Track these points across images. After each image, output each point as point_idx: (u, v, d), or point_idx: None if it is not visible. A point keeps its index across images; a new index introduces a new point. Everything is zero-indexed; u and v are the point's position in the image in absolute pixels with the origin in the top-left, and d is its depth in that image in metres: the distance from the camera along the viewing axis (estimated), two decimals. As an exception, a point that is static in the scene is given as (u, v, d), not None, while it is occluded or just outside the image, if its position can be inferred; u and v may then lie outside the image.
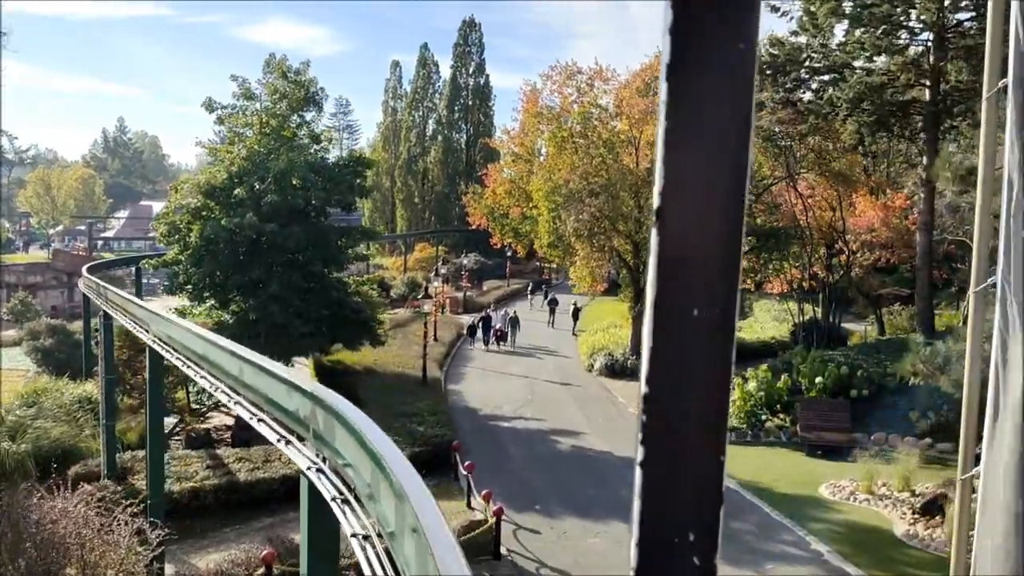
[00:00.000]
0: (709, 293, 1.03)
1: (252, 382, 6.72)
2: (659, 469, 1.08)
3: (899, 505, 20.44)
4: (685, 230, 1.03)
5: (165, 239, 32.03)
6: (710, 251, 1.03)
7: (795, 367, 28.41)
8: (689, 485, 1.08)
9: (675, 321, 1.04)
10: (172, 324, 10.73)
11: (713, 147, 1.01)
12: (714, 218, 1.02)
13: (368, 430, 4.47)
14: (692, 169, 1.02)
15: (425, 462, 22.54)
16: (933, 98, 29.43)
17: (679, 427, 1.06)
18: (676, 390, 1.05)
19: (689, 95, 1.00)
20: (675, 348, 1.05)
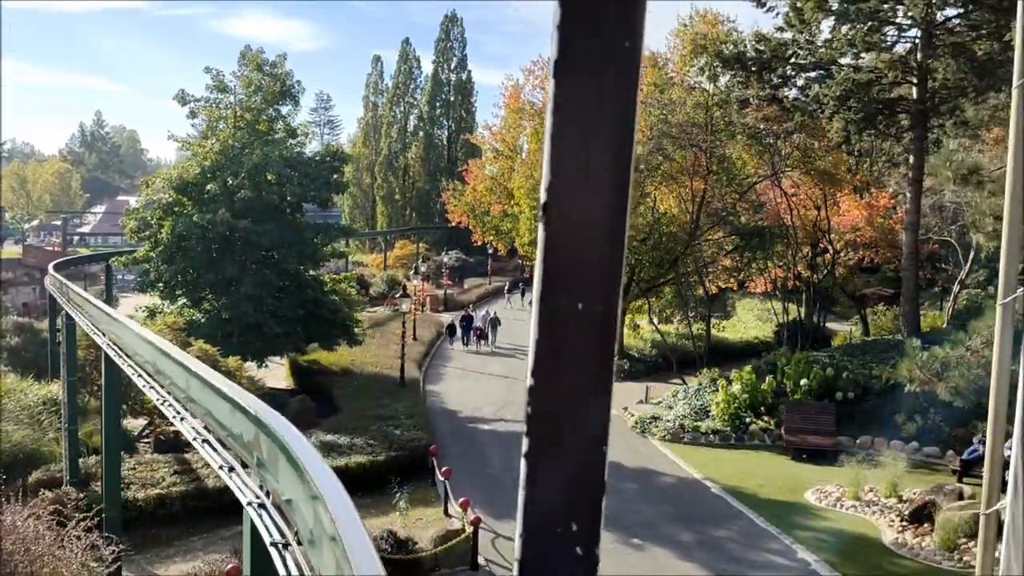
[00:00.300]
0: (593, 288, 1.04)
1: (199, 398, 6.05)
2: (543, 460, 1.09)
3: (887, 512, 19.97)
4: (571, 226, 1.04)
5: (135, 235, 31.18)
6: (595, 247, 1.04)
7: (780, 368, 27.91)
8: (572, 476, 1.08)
9: (560, 315, 1.05)
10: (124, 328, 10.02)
11: (598, 144, 1.02)
12: (599, 214, 1.03)
13: (310, 463, 3.83)
14: (578, 165, 1.03)
15: (402, 467, 21.91)
16: (920, 96, 29.01)
17: (563, 419, 1.07)
18: (560, 383, 1.07)
19: (575, 92, 1.02)
20: (560, 341, 1.06)
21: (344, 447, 22.18)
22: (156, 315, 29.95)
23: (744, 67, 30.91)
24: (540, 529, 1.12)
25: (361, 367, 33.34)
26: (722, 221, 34.39)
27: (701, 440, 26.13)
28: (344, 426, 24.22)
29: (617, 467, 23.78)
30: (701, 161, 32.50)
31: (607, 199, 1.04)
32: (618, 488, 21.98)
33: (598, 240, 1.04)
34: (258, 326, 29.21)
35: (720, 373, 29.81)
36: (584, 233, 1.04)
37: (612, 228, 1.04)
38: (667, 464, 24.19)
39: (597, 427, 1.09)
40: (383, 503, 20.44)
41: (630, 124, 1.04)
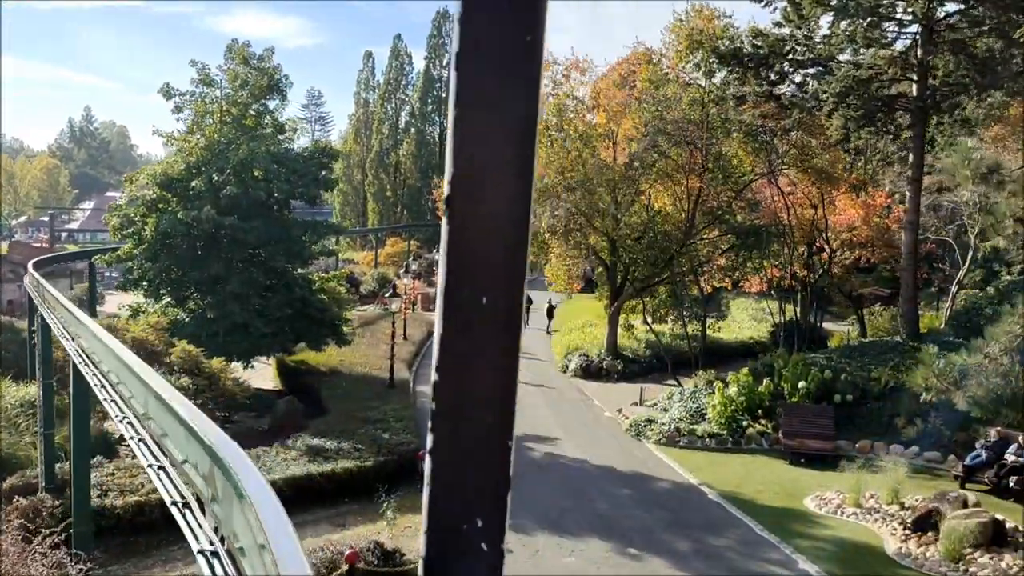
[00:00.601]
0: (498, 282, 1.04)
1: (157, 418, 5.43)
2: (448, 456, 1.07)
3: (889, 520, 19.42)
4: (475, 219, 1.04)
5: (118, 232, 30.43)
6: (499, 240, 1.04)
7: (777, 371, 27.35)
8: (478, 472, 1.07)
9: (465, 309, 1.05)
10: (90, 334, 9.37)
11: (501, 138, 1.02)
12: (503, 208, 1.04)
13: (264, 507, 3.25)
14: (481, 159, 1.03)
15: (390, 473, 21.30)
16: (920, 93, 28.47)
17: (468, 414, 1.06)
18: (465, 378, 1.06)
19: (477, 86, 1.02)
20: (464, 336, 1.06)
21: (331, 452, 21.54)
22: (140, 314, 29.21)
23: (741, 63, 30.35)
24: (445, 525, 1.09)
25: (350, 367, 32.68)
26: (718, 220, 33.82)
27: (697, 444, 25.56)
28: (332, 429, 23.58)
29: (612, 471, 23.23)
30: (697, 159, 31.93)
31: (511, 193, 1.03)
32: (613, 493, 21.42)
33: (502, 234, 1.04)
34: (244, 326, 28.54)
35: (716, 374, 29.24)
36: (488, 227, 1.04)
37: (516, 222, 1.04)
38: (663, 468, 23.61)
39: (503, 422, 1.07)
40: (370, 510, 19.82)
41: (533, 118, 1.03)
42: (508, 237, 1.05)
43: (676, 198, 34.32)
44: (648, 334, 36.44)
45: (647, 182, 33.76)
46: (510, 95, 1.03)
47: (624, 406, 29.46)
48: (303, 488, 19.85)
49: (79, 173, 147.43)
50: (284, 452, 21.27)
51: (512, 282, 1.06)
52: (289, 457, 20.95)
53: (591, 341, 37.49)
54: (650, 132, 31.69)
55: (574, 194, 31.79)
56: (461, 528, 1.10)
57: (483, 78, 1.02)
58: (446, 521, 1.11)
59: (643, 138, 31.99)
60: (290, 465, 20.46)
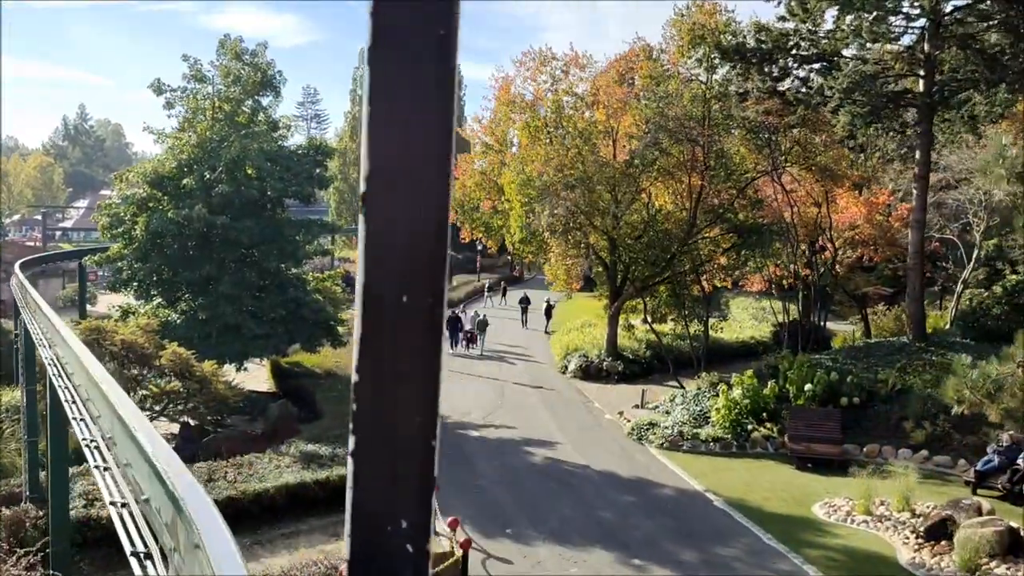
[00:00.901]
0: (418, 280, 1.03)
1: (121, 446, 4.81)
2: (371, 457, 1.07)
3: (900, 528, 18.83)
4: (392, 217, 1.03)
5: (107, 232, 29.75)
6: (418, 237, 1.03)
7: (782, 372, 26.74)
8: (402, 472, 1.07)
9: (384, 308, 1.04)
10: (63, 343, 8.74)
11: (417, 133, 1.02)
12: (420, 205, 1.03)
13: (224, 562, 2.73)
14: (397, 155, 1.02)
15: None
16: (928, 89, 27.86)
17: (390, 415, 1.06)
18: (387, 378, 1.05)
19: (391, 80, 1.01)
20: (385, 336, 1.05)
21: (326, 458, 20.91)
22: (129, 316, 28.54)
23: (744, 59, 29.70)
24: (369, 527, 1.08)
25: (346, 369, 32.02)
26: (719, 218, 33.18)
27: (701, 448, 24.95)
28: (326, 434, 22.95)
29: (614, 477, 22.63)
30: (698, 156, 31.29)
31: (428, 188, 1.03)
32: (616, 500, 20.81)
33: (421, 230, 1.03)
34: (237, 327, 27.91)
35: (719, 376, 28.62)
36: (407, 224, 1.03)
37: (435, 218, 1.03)
38: (666, 474, 23.00)
39: (426, 422, 1.07)
40: (366, 519, 19.23)
41: (449, 113, 1.03)
42: (428, 234, 1.03)
43: (677, 196, 33.70)
44: (648, 334, 35.83)
45: (647, 180, 33.12)
46: (425, 90, 1.01)
47: (625, 408, 28.86)
48: (296, 496, 19.25)
49: (73, 171, 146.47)
50: (277, 459, 20.65)
51: (433, 280, 1.04)
52: (282, 464, 20.33)
53: (590, 341, 36.87)
54: (651, 129, 31.04)
55: (574, 192, 31.13)
56: (385, 530, 1.07)
57: (396, 73, 1.01)
58: (370, 523, 1.08)
59: (644, 135, 31.34)
60: (283, 472, 19.84)
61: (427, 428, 1.07)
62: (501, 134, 40.74)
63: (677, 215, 33.94)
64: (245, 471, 19.81)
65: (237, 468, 19.94)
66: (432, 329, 1.06)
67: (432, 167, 1.03)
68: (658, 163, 32.27)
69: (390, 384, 1.06)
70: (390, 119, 1.02)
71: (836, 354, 30.03)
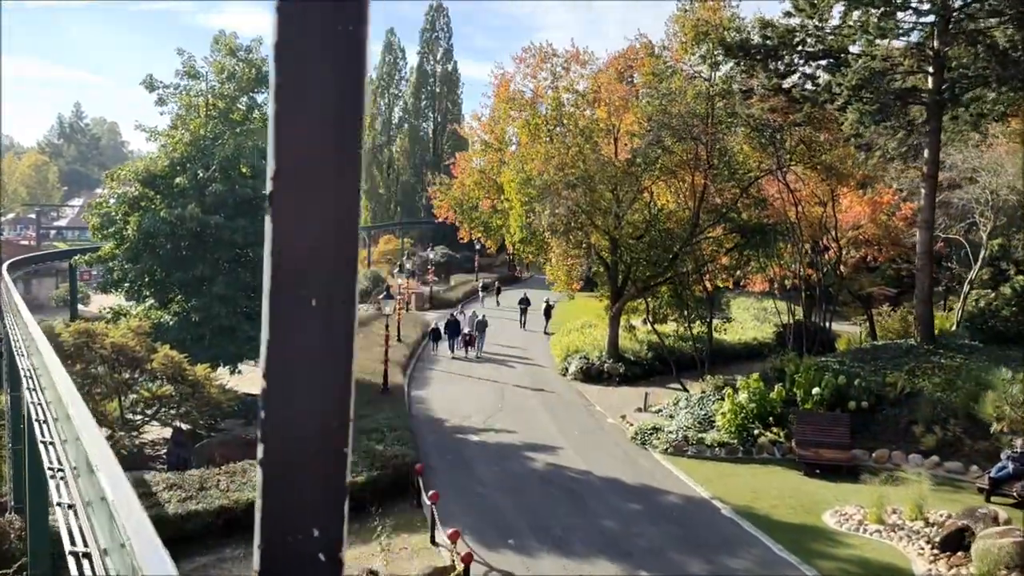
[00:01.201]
0: (327, 282, 1.01)
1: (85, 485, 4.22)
2: (281, 466, 1.03)
3: (915, 537, 18.25)
4: (300, 217, 1.00)
5: (99, 232, 29.07)
6: (327, 238, 1.01)
7: (789, 376, 26.15)
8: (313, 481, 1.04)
9: (293, 312, 1.01)
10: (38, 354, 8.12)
11: (326, 132, 1.00)
12: (329, 204, 1.00)
13: None
14: (305, 155, 1.00)
15: (384, 488, 20.11)
16: (937, 86, 27.27)
17: (301, 422, 1.03)
18: (296, 384, 1.02)
19: (298, 77, 0.99)
20: (294, 340, 1.02)
21: (321, 465, 20.27)
22: (121, 317, 27.87)
23: (748, 55, 29.11)
24: (281, 538, 1.04)
25: (342, 372, 31.38)
26: (722, 217, 32.59)
27: (706, 453, 24.36)
28: (322, 440, 22.31)
29: (617, 483, 22.04)
30: (701, 154, 30.69)
31: (337, 188, 1.00)
32: (620, 508, 20.22)
33: (330, 232, 1.01)
34: (231, 329, 27.29)
35: (725, 380, 28.01)
36: (315, 225, 1.00)
37: (345, 218, 1.01)
38: (671, 480, 22.41)
39: (337, 428, 1.04)
40: (364, 528, 18.59)
41: (358, 111, 1.01)
42: (337, 235, 1.01)
43: (679, 195, 33.10)
44: (650, 335, 35.24)
45: (650, 179, 32.51)
46: (332, 87, 0.99)
47: (628, 412, 28.27)
48: (291, 505, 18.61)
49: (69, 170, 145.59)
50: (271, 466, 20.00)
51: (344, 281, 1.02)
52: (277, 471, 19.69)
53: (591, 343, 36.25)
54: (654, 127, 30.42)
55: (575, 191, 30.50)
56: (297, 539, 1.03)
57: (303, 71, 0.98)
58: (281, 533, 1.03)
59: (646, 133, 30.72)
60: (277, 480, 19.20)
61: (339, 435, 1.04)
62: (500, 132, 40.08)
63: (679, 214, 33.36)
64: (238, 479, 19.19)
65: (230, 476, 19.32)
66: (343, 332, 1.03)
67: (340, 167, 1.00)
68: (660, 161, 31.66)
69: (300, 390, 1.02)
70: (296, 118, 0.98)
71: (843, 356, 29.42)
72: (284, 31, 0.98)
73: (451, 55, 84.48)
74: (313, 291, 1.01)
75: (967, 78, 26.40)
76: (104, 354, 23.49)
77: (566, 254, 33.54)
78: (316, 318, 1.01)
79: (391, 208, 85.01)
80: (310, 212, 1.00)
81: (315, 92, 0.98)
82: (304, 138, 0.99)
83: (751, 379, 25.93)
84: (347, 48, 0.99)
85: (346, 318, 1.03)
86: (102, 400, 24.25)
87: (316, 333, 1.01)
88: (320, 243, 1.00)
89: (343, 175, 1.01)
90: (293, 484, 1.04)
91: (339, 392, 1.05)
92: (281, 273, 1.01)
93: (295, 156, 0.99)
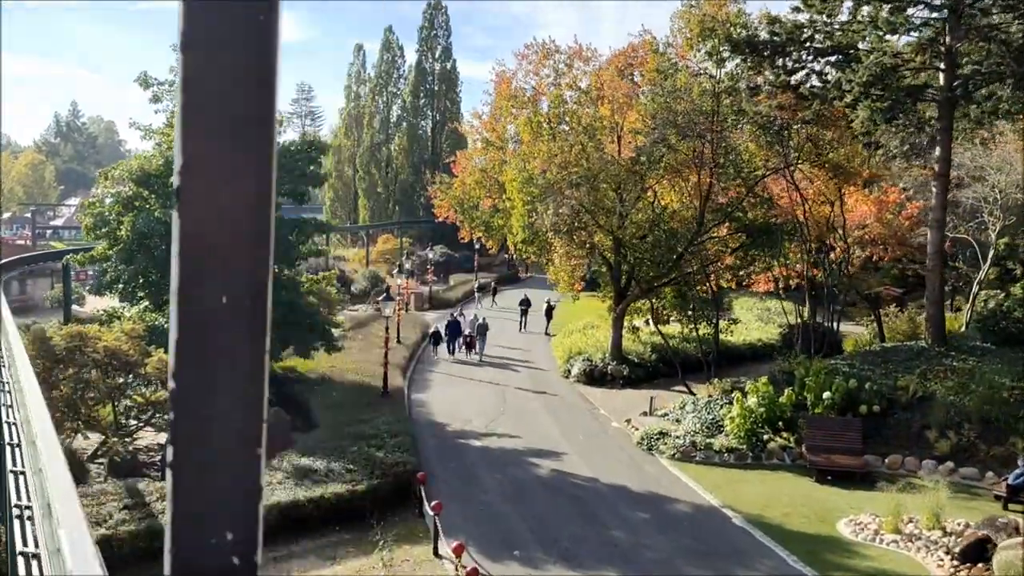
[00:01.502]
0: (238, 279, 0.99)
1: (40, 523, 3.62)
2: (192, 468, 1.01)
3: (933, 548, 17.70)
4: (209, 213, 0.98)
5: (92, 232, 28.41)
6: (237, 234, 0.98)
7: (798, 379, 25.56)
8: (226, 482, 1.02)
9: (202, 311, 0.99)
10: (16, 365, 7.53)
11: (235, 124, 0.97)
12: (240, 200, 0.98)
13: None
14: (215, 148, 0.97)
15: (385, 497, 19.51)
16: (948, 83, 26.70)
17: (212, 423, 1.01)
18: (207, 384, 1.00)
19: (206, 69, 0.96)
20: (204, 340, 1.00)
21: (320, 473, 19.69)
22: (114, 319, 27.21)
23: (756, 51, 28.51)
24: (192, 542, 1.01)
25: (341, 375, 30.80)
26: (728, 217, 31.98)
27: (715, 459, 23.77)
28: (321, 446, 21.69)
29: (624, 490, 21.45)
30: (707, 152, 30.07)
31: (247, 183, 0.98)
32: (628, 517, 19.64)
33: (240, 227, 0.98)
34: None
35: (732, 384, 27.43)
36: (224, 220, 0.97)
37: (255, 214, 0.98)
38: (679, 487, 21.82)
39: (250, 428, 1.01)
40: (364, 539, 18.03)
41: (270, 103, 0.98)
42: (248, 231, 0.98)
43: (684, 194, 32.49)
44: (653, 336, 34.64)
45: (654, 178, 31.89)
46: (242, 80, 0.96)
47: (633, 416, 27.67)
48: (289, 516, 18.02)
49: (65, 169, 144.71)
50: (269, 474, 19.38)
51: (256, 278, 0.98)
52: (274, 480, 19.09)
53: (593, 344, 35.63)
54: (659, 124, 29.78)
55: (578, 190, 29.87)
56: (210, 543, 1.00)
57: (212, 62, 0.95)
58: (193, 537, 1.01)
59: (652, 131, 30.09)
60: (275, 490, 18.61)
61: (252, 435, 1.01)
62: (501, 129, 39.43)
63: (683, 214, 32.75)
64: (234, 488, 18.56)
65: (226, 485, 18.68)
66: (255, 330, 0.99)
67: (250, 160, 0.97)
68: (665, 160, 31.04)
69: (211, 390, 0.99)
70: (205, 109, 0.95)
71: (852, 359, 28.81)
72: (191, 20, 0.94)
73: (450, 53, 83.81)
74: (224, 288, 0.97)
75: (980, 74, 25.83)
76: (97, 358, 22.86)
77: (569, 254, 32.89)
78: (227, 316, 0.97)
79: (389, 207, 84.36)
80: (220, 207, 0.96)
81: (224, 84, 0.94)
82: (214, 131, 0.96)
83: (760, 383, 25.33)
84: (257, 39, 0.95)
85: (259, 315, 0.99)
86: (95, 405, 23.65)
87: (228, 331, 0.98)
88: (231, 239, 0.97)
89: (255, 169, 0.97)
90: (205, 486, 1.00)
91: (252, 391, 1.00)
92: (190, 270, 0.97)
93: (204, 150, 0.96)
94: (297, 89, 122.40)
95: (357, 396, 28.07)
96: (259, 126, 0.97)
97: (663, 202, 33.42)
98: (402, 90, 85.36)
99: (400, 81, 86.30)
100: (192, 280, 0.98)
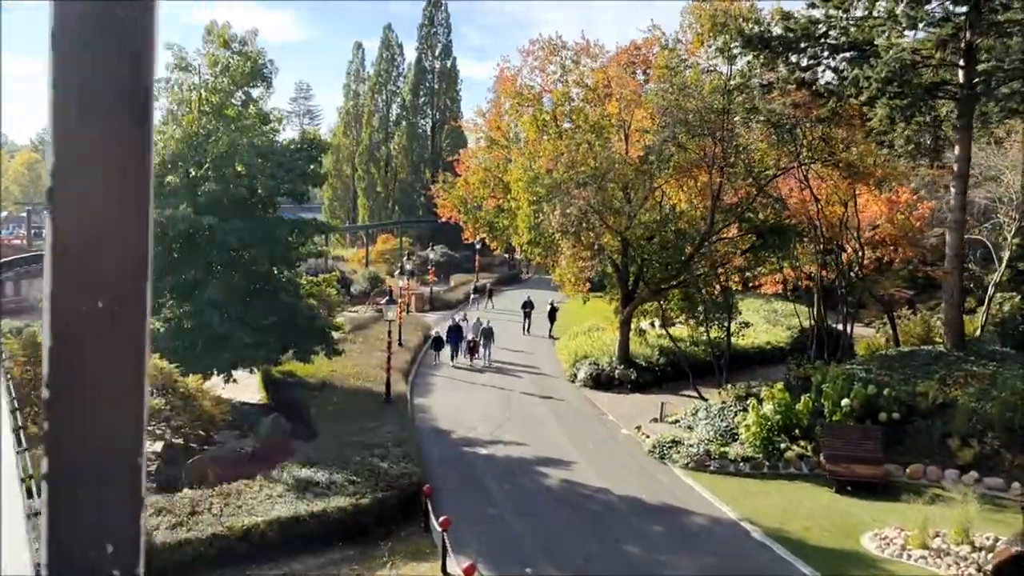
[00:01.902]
0: (116, 283, 0.97)
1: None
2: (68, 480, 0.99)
3: (963, 564, 16.94)
4: (83, 214, 0.96)
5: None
6: (114, 237, 0.96)
7: (815, 385, 24.77)
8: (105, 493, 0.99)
9: (77, 315, 0.97)
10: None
11: (109, 122, 0.95)
12: (115, 200, 0.96)
13: None
14: (88, 146, 0.95)
15: (390, 512, 18.71)
16: (968, 80, 25.92)
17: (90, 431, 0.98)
18: (84, 391, 0.98)
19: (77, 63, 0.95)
20: (79, 345, 0.97)
21: (322, 485, 18.85)
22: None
23: (769, 47, 27.72)
24: (70, 556, 0.98)
25: (342, 379, 29.95)
26: (738, 217, 31.16)
27: (730, 468, 22.97)
28: (323, 456, 20.86)
29: (638, 502, 20.65)
30: (718, 151, 29.25)
31: (123, 184, 0.95)
32: (643, 531, 18.85)
33: (117, 229, 0.96)
34: (225, 336, 25.85)
35: (747, 390, 26.62)
36: (100, 221, 0.95)
37: (133, 216, 0.96)
38: (694, 499, 21.03)
39: (130, 436, 0.99)
40: (369, 556, 17.24)
41: (145, 100, 0.96)
42: (126, 233, 0.95)
43: (693, 194, 31.66)
44: (662, 339, 33.84)
45: (662, 178, 31.06)
46: (114, 79, 0.94)
47: (643, 422, 26.89)
48: (290, 531, 17.21)
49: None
50: (269, 487, 18.57)
51: (134, 283, 0.96)
52: (274, 493, 18.27)
53: (600, 347, 34.82)
54: (668, 122, 28.95)
55: (586, 190, 29.04)
56: (89, 556, 0.98)
57: (83, 60, 0.93)
58: (70, 551, 0.97)
59: (661, 130, 29.26)
60: (275, 504, 17.79)
61: (132, 444, 0.99)
62: (506, 127, 38.59)
63: (692, 214, 31.96)
64: (233, 502, 17.74)
65: (224, 498, 17.88)
66: (134, 337, 0.96)
67: (128, 159, 0.95)
68: (674, 159, 30.21)
69: (87, 398, 0.96)
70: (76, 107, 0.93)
71: (868, 364, 27.99)
72: (61, 17, 0.93)
73: (450, 51, 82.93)
74: (99, 293, 0.95)
75: (1002, 71, 25.04)
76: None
77: (576, 256, 32.05)
78: (104, 321, 0.95)
79: (389, 206, 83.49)
80: (94, 209, 0.95)
81: (96, 82, 0.93)
82: (86, 129, 0.94)
83: (775, 389, 24.56)
84: (131, 36, 0.93)
85: (139, 322, 0.97)
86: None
87: (104, 337, 0.95)
88: (106, 242, 0.95)
89: (130, 170, 0.95)
90: (83, 498, 0.97)
91: (131, 399, 0.98)
92: (63, 274, 0.95)
93: (79, 149, 0.94)
94: (296, 88, 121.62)
95: (359, 402, 27.24)
96: (134, 127, 0.94)
97: (671, 202, 32.61)
98: (401, 88, 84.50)
99: (399, 79, 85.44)
100: (65, 284, 0.94)
